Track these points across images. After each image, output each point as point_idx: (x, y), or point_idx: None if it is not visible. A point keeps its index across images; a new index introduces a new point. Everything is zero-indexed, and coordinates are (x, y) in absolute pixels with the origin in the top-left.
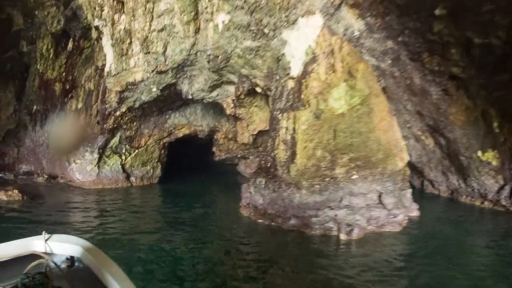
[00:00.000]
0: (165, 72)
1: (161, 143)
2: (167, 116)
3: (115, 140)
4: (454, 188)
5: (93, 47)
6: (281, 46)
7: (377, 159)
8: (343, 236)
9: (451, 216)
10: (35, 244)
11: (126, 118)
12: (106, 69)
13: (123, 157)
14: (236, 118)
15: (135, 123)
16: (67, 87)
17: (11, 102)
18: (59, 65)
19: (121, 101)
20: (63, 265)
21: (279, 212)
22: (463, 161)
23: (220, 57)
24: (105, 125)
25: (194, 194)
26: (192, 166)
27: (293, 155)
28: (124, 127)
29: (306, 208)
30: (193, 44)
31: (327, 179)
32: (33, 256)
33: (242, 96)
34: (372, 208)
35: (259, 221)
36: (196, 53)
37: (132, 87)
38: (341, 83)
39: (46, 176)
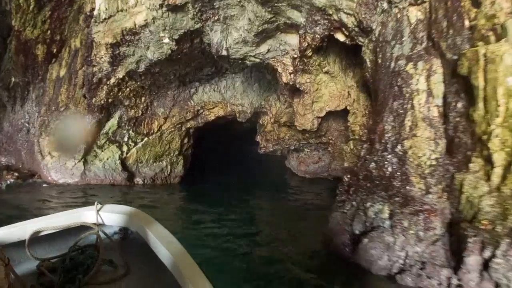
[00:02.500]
0: (182, 8)
1: (184, 128)
2: (192, 90)
3: (112, 123)
4: None
5: None
6: None
7: None
8: None
9: None
10: (86, 215)
11: (128, 89)
12: (95, 13)
13: (125, 148)
14: (294, 91)
15: (143, 99)
16: (54, 50)
17: None
18: (42, 20)
19: (115, 60)
20: (115, 237)
21: None
22: None
23: None
24: (93, 100)
25: (230, 210)
26: (227, 161)
27: (460, 150)
28: (126, 103)
29: None
30: None
31: None
32: (84, 228)
33: (309, 52)
34: None
35: None
36: None
37: (132, 37)
38: None
39: (16, 175)
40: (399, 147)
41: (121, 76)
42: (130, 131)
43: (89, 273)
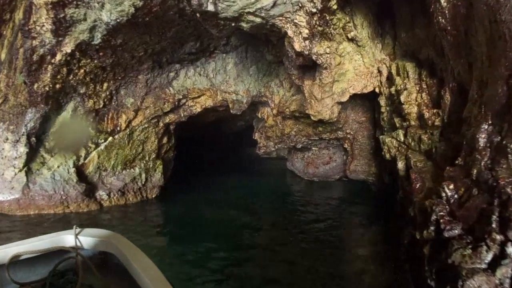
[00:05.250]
0: None
1: (161, 124)
2: (171, 74)
3: (63, 119)
4: None
5: None
6: None
7: None
8: None
9: None
10: (65, 239)
11: (82, 71)
12: None
13: (82, 152)
14: (305, 69)
15: (105, 85)
16: (3, 32)
17: None
18: None
19: (61, 28)
20: (95, 261)
21: None
22: None
23: None
24: (35, 86)
25: (225, 242)
26: (219, 166)
27: None
28: (82, 91)
29: None
30: None
31: None
32: (63, 251)
33: (333, 4)
34: None
35: None
36: None
37: None
38: None
39: None
40: None
41: (69, 51)
42: (89, 129)
43: None
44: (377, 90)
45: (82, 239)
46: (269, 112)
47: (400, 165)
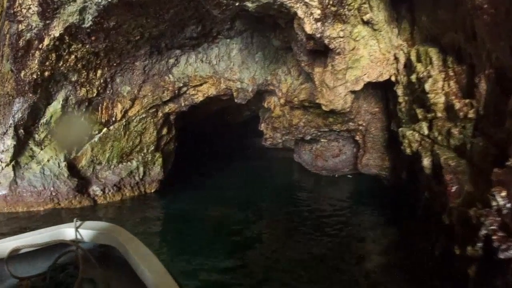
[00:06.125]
0: None
1: (160, 113)
2: (171, 61)
3: (54, 109)
4: None
5: None
6: None
7: None
8: None
9: None
10: (65, 232)
11: (73, 57)
12: None
13: (74, 145)
14: (316, 55)
15: (99, 72)
16: None
17: None
18: None
19: (48, 10)
20: (95, 254)
21: None
22: None
23: None
24: (22, 73)
25: (230, 249)
26: (223, 158)
27: None
28: (74, 79)
29: None
30: None
31: None
32: (63, 245)
33: None
34: None
35: None
36: None
37: None
38: None
39: None
40: None
41: (57, 35)
42: (82, 119)
43: None
44: (393, 78)
45: (83, 232)
46: (276, 101)
47: (426, 162)
